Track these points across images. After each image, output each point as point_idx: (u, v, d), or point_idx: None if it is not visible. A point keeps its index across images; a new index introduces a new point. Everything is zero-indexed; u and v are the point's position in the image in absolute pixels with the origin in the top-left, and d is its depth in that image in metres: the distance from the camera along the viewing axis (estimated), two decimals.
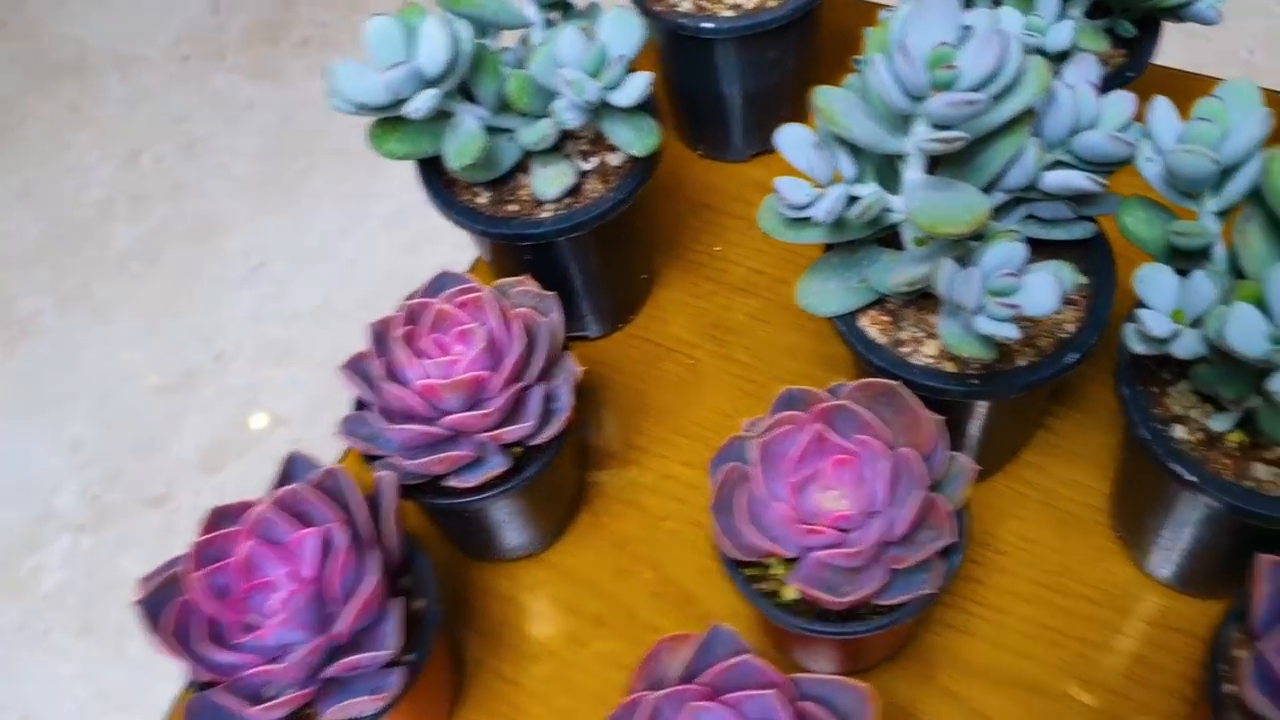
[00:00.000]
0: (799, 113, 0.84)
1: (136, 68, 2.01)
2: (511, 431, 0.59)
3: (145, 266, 1.75)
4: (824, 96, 0.50)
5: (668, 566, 0.69)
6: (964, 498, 0.56)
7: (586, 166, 0.69)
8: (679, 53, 0.79)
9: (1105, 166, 0.53)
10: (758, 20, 0.73)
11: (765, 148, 0.85)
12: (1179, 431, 0.56)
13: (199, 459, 1.56)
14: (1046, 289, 0.50)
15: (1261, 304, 0.46)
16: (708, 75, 0.78)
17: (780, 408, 0.58)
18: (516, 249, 0.69)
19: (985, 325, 0.51)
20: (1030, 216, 0.58)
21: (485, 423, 0.59)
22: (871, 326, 0.61)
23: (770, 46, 0.76)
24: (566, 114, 0.61)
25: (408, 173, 0.71)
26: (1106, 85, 0.66)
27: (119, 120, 1.94)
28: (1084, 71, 0.53)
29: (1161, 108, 0.51)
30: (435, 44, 0.57)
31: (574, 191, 0.68)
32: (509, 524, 0.65)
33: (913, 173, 0.53)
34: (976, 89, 0.48)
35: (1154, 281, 0.51)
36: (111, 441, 1.58)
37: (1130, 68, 0.68)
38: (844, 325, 0.61)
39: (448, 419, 0.59)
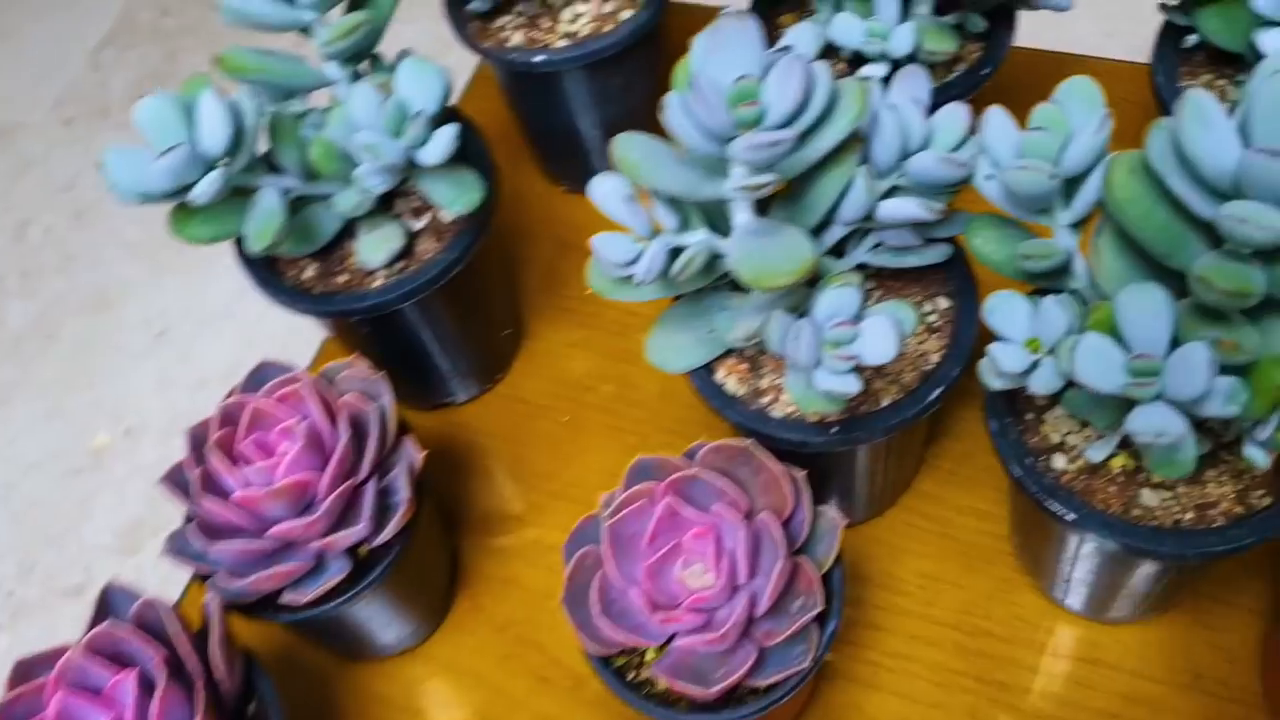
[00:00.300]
0: (660, 131, 0.80)
1: (17, 135, 1.94)
2: (344, 537, 0.54)
3: (42, 344, 1.67)
4: (624, 146, 0.45)
5: (553, 647, 0.64)
6: (833, 556, 0.52)
7: (418, 225, 0.64)
8: (521, 88, 0.74)
9: (945, 188, 0.49)
10: (592, 49, 0.68)
11: None
12: (1059, 461, 0.51)
13: (116, 542, 1.49)
14: (884, 336, 0.45)
15: (1115, 331, 0.41)
16: (554, 109, 0.74)
17: (633, 479, 0.53)
18: (352, 324, 0.63)
19: (825, 380, 0.46)
20: (880, 245, 0.53)
21: (314, 530, 0.54)
22: (730, 376, 0.56)
23: (613, 74, 0.71)
24: (370, 180, 0.55)
25: None
26: (962, 85, 0.62)
27: (2, 193, 1.86)
28: (910, 88, 0.48)
29: (995, 120, 0.46)
30: (213, 121, 0.52)
31: (405, 254, 0.63)
32: (371, 625, 0.60)
33: (741, 216, 0.48)
34: (786, 124, 0.43)
35: (1004, 311, 0.46)
36: (22, 533, 1.51)
37: (985, 63, 0.63)
38: (699, 380, 0.56)
39: (274, 530, 0.53)
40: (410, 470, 0.57)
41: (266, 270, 0.63)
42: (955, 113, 0.48)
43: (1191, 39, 0.61)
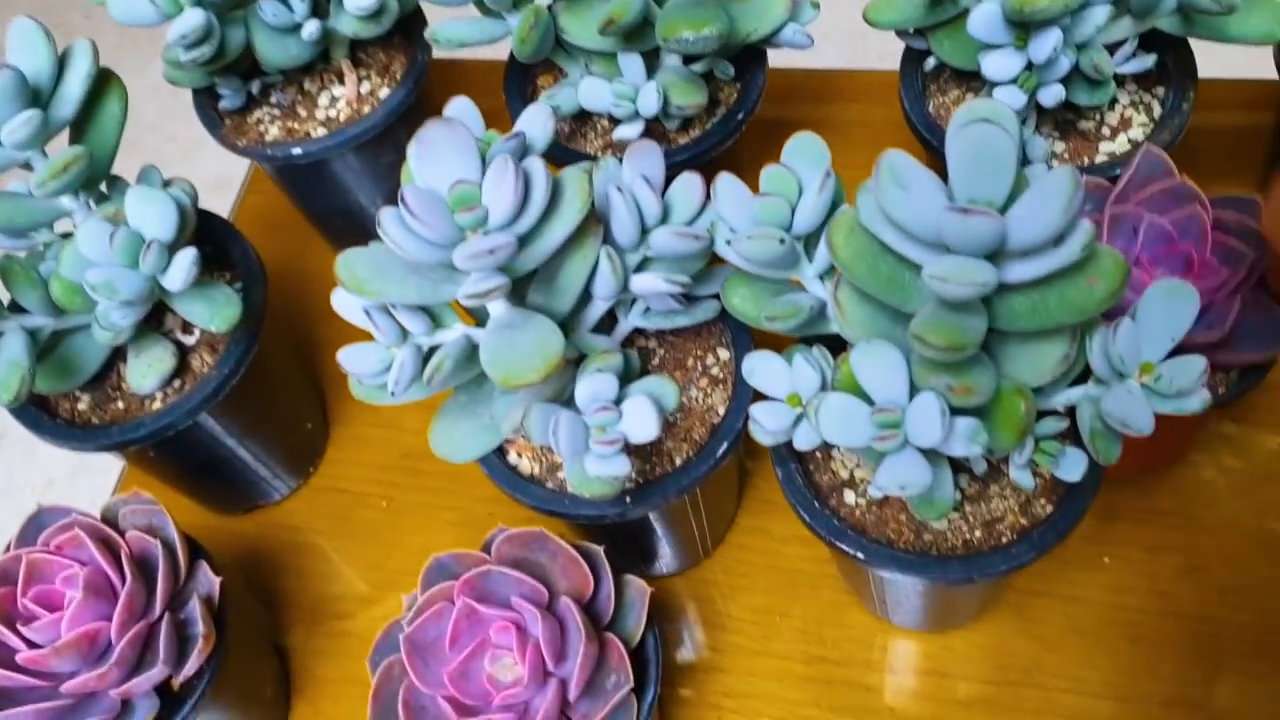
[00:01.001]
0: None
1: None
2: (140, 682, 0.52)
3: None
4: (346, 265, 0.44)
5: None
6: (643, 626, 0.51)
7: (190, 340, 0.62)
8: (291, 177, 0.72)
9: (692, 257, 0.49)
10: (351, 135, 0.66)
11: None
12: (849, 496, 0.52)
13: None
14: (645, 417, 0.45)
15: (857, 388, 0.42)
16: (328, 192, 0.72)
17: (429, 580, 0.52)
18: (138, 452, 0.61)
19: (594, 466, 0.46)
20: (649, 309, 0.53)
21: (110, 679, 0.51)
22: (523, 456, 0.56)
23: (381, 151, 0.70)
24: (112, 316, 0.53)
25: None
26: (721, 130, 0.63)
27: None
28: (641, 164, 0.48)
29: (725, 189, 0.46)
30: None
31: (181, 371, 0.61)
32: None
33: (494, 306, 0.47)
34: (509, 224, 0.43)
35: (761, 370, 0.46)
36: None
37: (740, 106, 0.63)
38: (490, 467, 0.55)
39: (67, 685, 0.51)
40: (208, 599, 0.55)
41: (35, 409, 0.60)
42: (689, 184, 0.48)
43: (931, 61, 0.62)
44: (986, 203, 0.36)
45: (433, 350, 0.48)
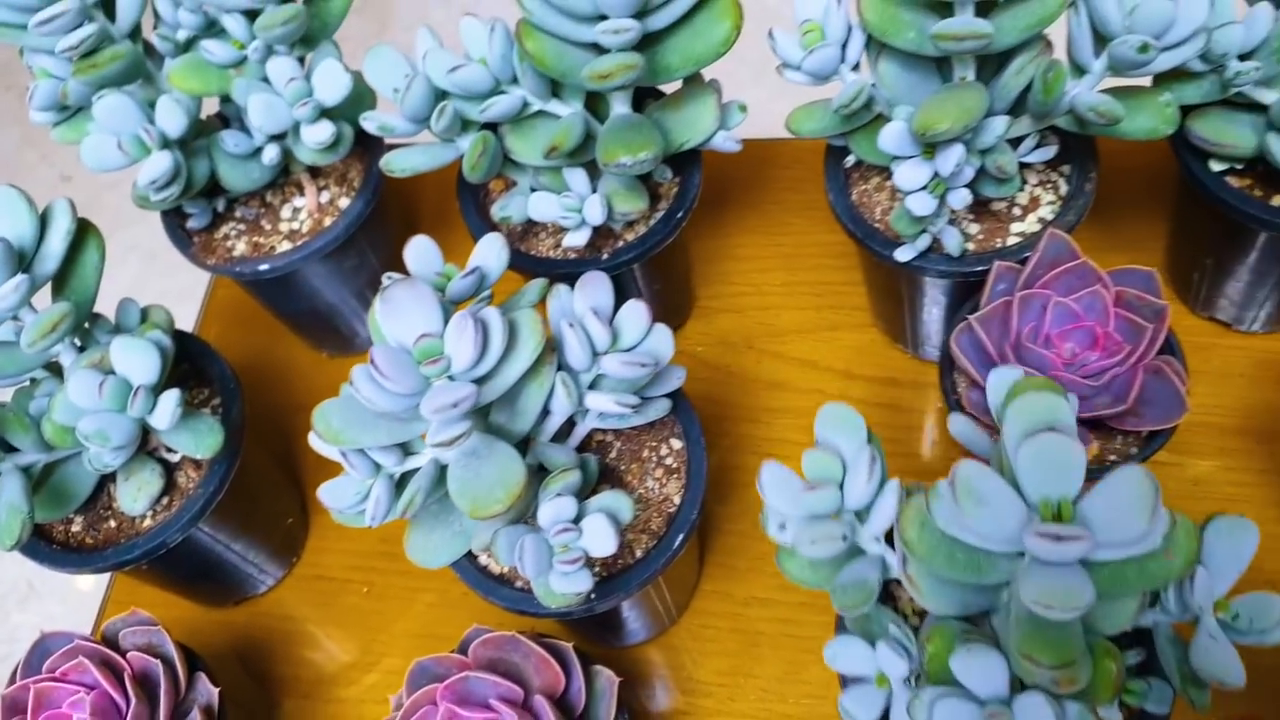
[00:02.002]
0: None
1: None
2: None
3: None
4: (322, 419, 0.48)
5: None
6: (612, 714, 0.56)
7: (174, 458, 0.66)
8: (259, 287, 0.76)
9: (639, 379, 0.53)
10: (315, 248, 0.70)
11: None
12: None
13: None
14: (604, 533, 0.50)
15: (948, 669, 0.43)
16: (295, 298, 0.76)
17: (414, 683, 0.56)
18: (135, 570, 0.65)
19: (558, 583, 0.50)
20: (604, 414, 0.57)
21: None
22: (492, 558, 0.60)
23: (343, 258, 0.74)
24: (104, 459, 0.57)
25: None
26: (663, 228, 0.67)
27: None
28: (590, 295, 0.52)
29: (771, 479, 0.46)
30: None
31: (168, 489, 0.65)
32: None
33: None
34: (470, 370, 0.47)
35: (846, 657, 0.49)
36: None
37: (680, 204, 0.68)
38: (462, 570, 0.59)
39: None
40: (208, 709, 0.59)
41: (32, 538, 0.63)
42: (635, 311, 0.53)
43: (850, 159, 0.67)
44: (1061, 500, 0.38)
45: (405, 476, 0.52)
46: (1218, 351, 0.74)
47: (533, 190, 0.65)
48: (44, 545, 0.64)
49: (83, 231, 0.58)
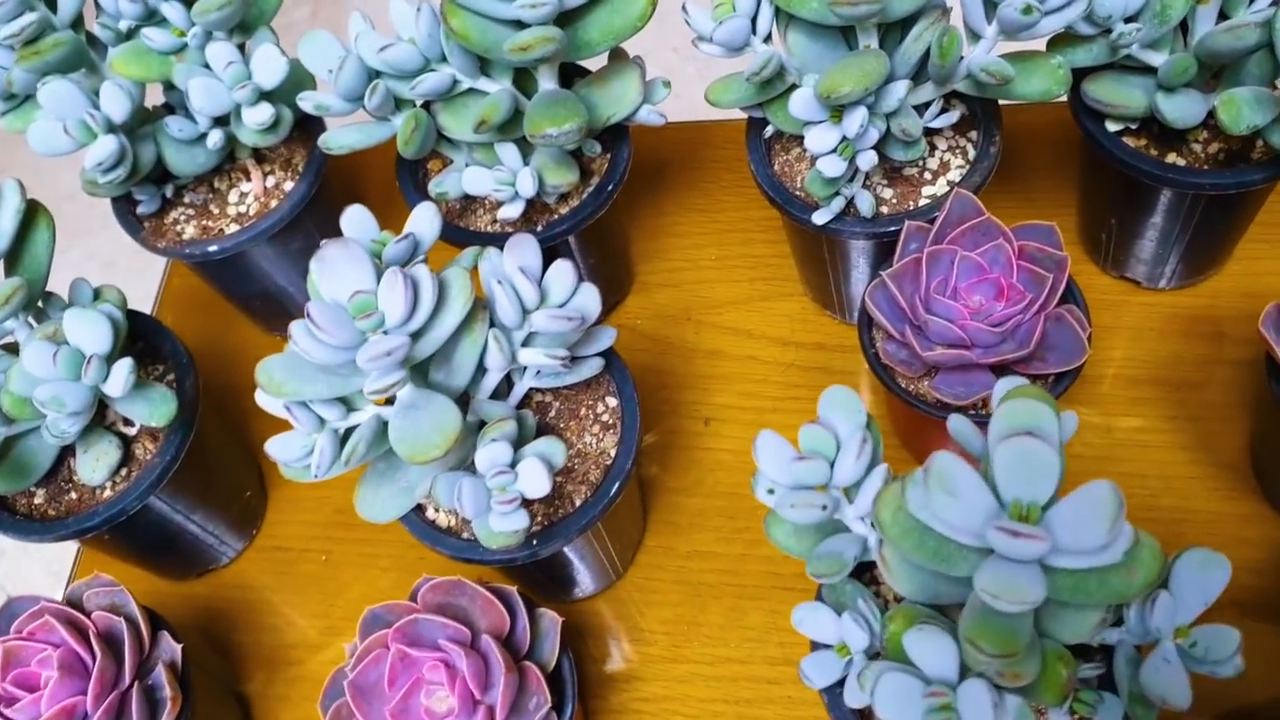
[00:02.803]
0: None
1: None
2: None
3: None
4: (264, 372, 0.51)
5: None
6: (556, 652, 0.59)
7: (132, 430, 0.68)
8: (210, 270, 0.79)
9: (568, 334, 0.57)
10: (261, 229, 0.73)
11: None
12: None
13: None
14: (538, 475, 0.53)
15: (903, 658, 0.45)
16: (246, 280, 0.78)
17: (366, 630, 0.59)
18: (96, 539, 0.67)
19: (498, 522, 0.54)
20: (540, 372, 0.61)
21: None
22: (439, 512, 0.63)
23: (290, 239, 0.76)
24: (60, 425, 0.60)
25: None
26: (594, 200, 0.70)
27: None
28: (519, 256, 0.55)
29: (765, 446, 0.50)
30: None
31: (126, 460, 0.67)
32: None
33: (400, 390, 0.55)
34: (403, 324, 0.50)
35: (810, 622, 0.52)
36: None
37: (610, 177, 0.71)
38: (410, 524, 0.62)
39: None
40: (172, 665, 0.62)
41: None
42: (561, 270, 0.56)
43: (769, 129, 0.70)
44: (1030, 504, 0.40)
45: (349, 432, 0.55)
46: (1129, 309, 0.78)
47: (467, 166, 0.69)
48: (8, 516, 0.66)
49: (32, 211, 0.61)
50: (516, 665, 0.57)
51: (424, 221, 0.57)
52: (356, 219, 0.56)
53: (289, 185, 0.76)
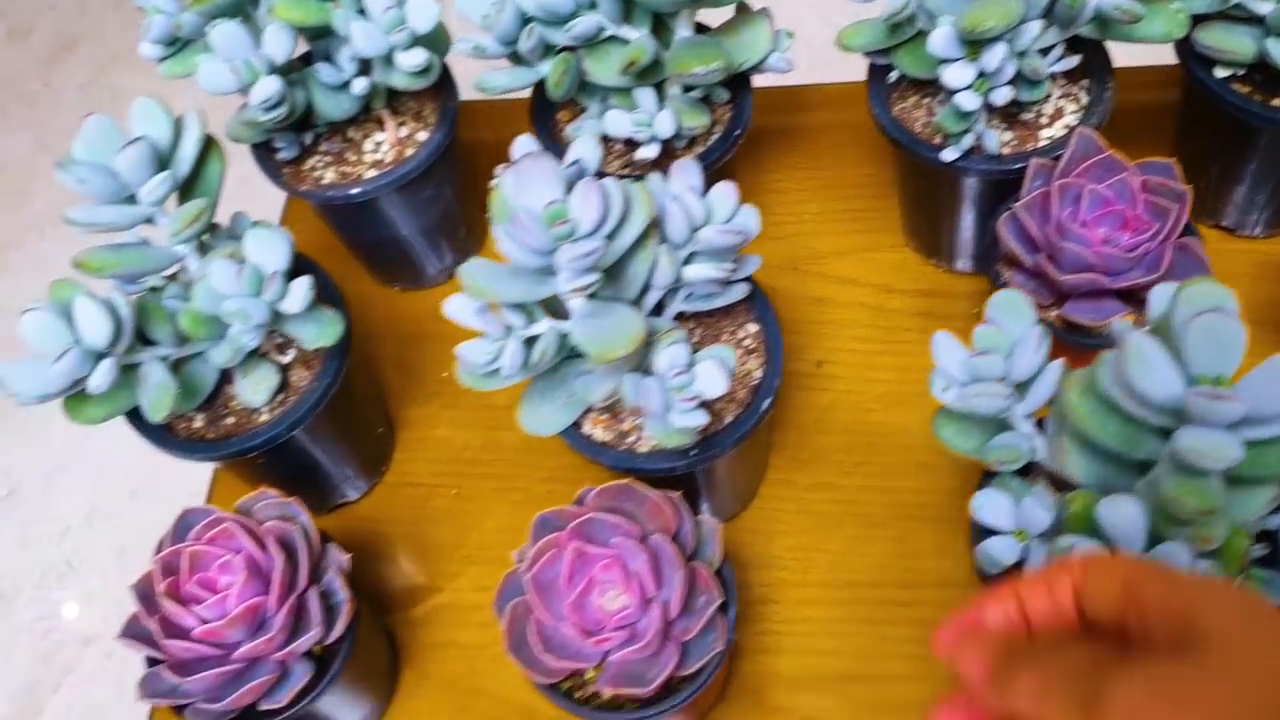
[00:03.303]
0: (474, 224, 0.89)
1: None
2: (302, 643, 0.61)
3: None
4: (468, 273, 0.55)
5: (499, 690, 0.73)
6: (720, 555, 0.62)
7: (286, 359, 0.72)
8: (341, 215, 0.82)
9: (731, 249, 0.60)
10: (401, 173, 0.77)
11: (460, 262, 0.89)
12: None
13: (14, 710, 1.48)
14: (715, 376, 0.56)
15: (1090, 524, 0.49)
16: (376, 226, 0.82)
17: (538, 534, 0.62)
18: (242, 462, 0.70)
19: (678, 420, 0.57)
20: (690, 294, 0.64)
21: (274, 644, 0.61)
22: (596, 427, 0.66)
23: (422, 187, 0.80)
24: (244, 338, 0.63)
25: None
26: (721, 146, 0.74)
27: None
28: (685, 178, 0.59)
29: (943, 343, 0.54)
30: (93, 320, 0.58)
31: (282, 387, 0.70)
32: (339, 713, 0.67)
33: (575, 302, 0.58)
34: (593, 232, 0.53)
35: (990, 507, 0.55)
36: None
37: (736, 124, 0.75)
38: (570, 438, 0.66)
39: (238, 652, 0.61)
40: (342, 571, 0.65)
41: (161, 431, 0.69)
42: (725, 191, 0.59)
43: (894, 74, 0.74)
44: (1219, 376, 0.43)
45: (530, 340, 0.58)
46: (1222, 255, 0.81)
47: (604, 112, 0.72)
48: (172, 437, 0.69)
49: (208, 142, 0.64)
50: (686, 564, 0.60)
51: (587, 149, 0.60)
52: (525, 145, 0.60)
53: (422, 135, 0.80)
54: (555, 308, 0.60)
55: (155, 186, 0.60)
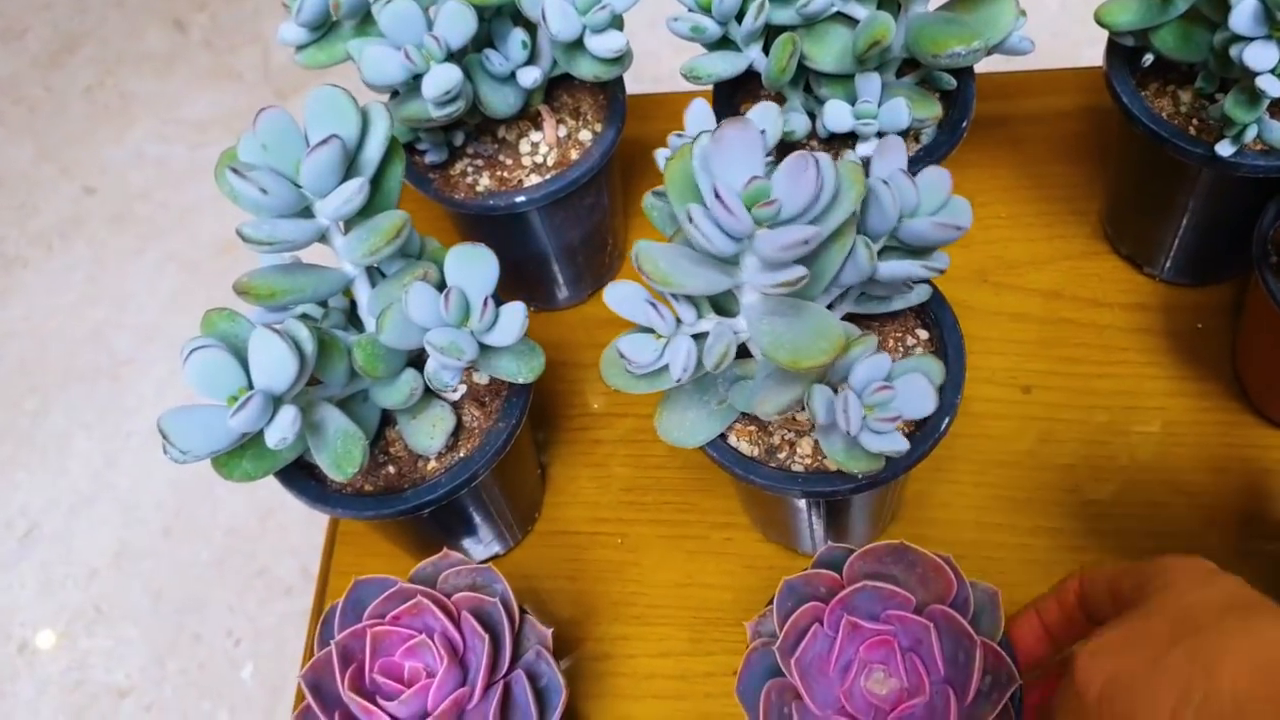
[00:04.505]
0: (621, 244, 0.79)
1: None
2: None
3: None
4: (649, 258, 0.45)
5: None
6: (1001, 626, 0.53)
7: (455, 396, 0.61)
8: (489, 227, 0.71)
9: (935, 244, 0.51)
10: (575, 177, 0.67)
11: (600, 285, 0.79)
12: None
13: None
14: (922, 393, 0.48)
15: None
16: (526, 239, 0.72)
17: (784, 603, 0.53)
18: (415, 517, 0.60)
19: (874, 443, 0.49)
20: (864, 294, 0.55)
21: None
22: (741, 440, 0.57)
23: (585, 195, 0.70)
24: (442, 375, 0.53)
25: (159, 371, 0.60)
26: (945, 139, 0.65)
27: None
28: (893, 160, 0.50)
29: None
30: (276, 360, 0.48)
31: (455, 430, 0.60)
32: None
33: (750, 296, 0.49)
34: (798, 216, 0.44)
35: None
36: None
37: (961, 115, 0.65)
38: (715, 451, 0.56)
39: None
40: (546, 647, 0.55)
41: (312, 482, 0.59)
42: (937, 177, 0.50)
43: (1148, 58, 0.65)
44: None
45: (697, 339, 0.49)
46: None
47: (821, 101, 0.63)
48: (332, 493, 0.58)
49: (393, 144, 0.54)
50: (972, 639, 0.51)
51: (768, 119, 0.51)
52: (699, 114, 0.52)
53: (584, 135, 0.70)
54: (721, 301, 0.50)
55: (352, 195, 0.49)
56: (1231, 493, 0.67)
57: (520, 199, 0.66)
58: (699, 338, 0.50)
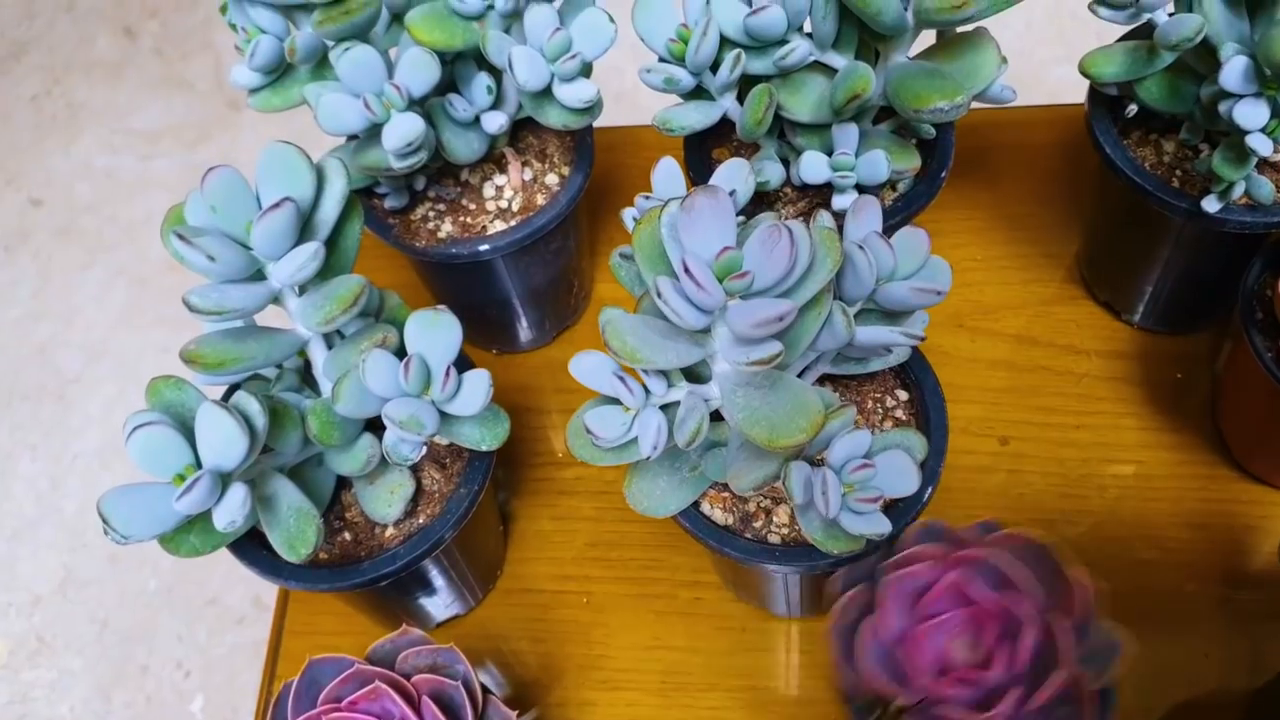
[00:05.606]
0: (587, 284, 0.77)
1: None
2: None
3: None
4: (615, 333, 0.42)
5: None
6: (1114, 673, 0.50)
7: (414, 458, 0.58)
8: (451, 274, 0.69)
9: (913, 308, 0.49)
10: (541, 223, 0.64)
11: (564, 326, 0.77)
12: None
13: None
14: (904, 471, 0.47)
15: None
16: (489, 285, 0.69)
17: (922, 538, 0.50)
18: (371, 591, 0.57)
19: (854, 524, 0.47)
20: (842, 355, 0.53)
21: None
22: (715, 507, 0.55)
23: (551, 240, 0.67)
24: (401, 449, 0.50)
25: (107, 390, 0.57)
26: (924, 190, 0.63)
27: None
28: (868, 221, 0.48)
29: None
30: (224, 436, 0.45)
31: (415, 495, 0.57)
32: None
33: (722, 365, 0.46)
34: (772, 288, 0.42)
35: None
36: None
37: (940, 165, 0.64)
38: (688, 521, 0.54)
39: None
40: None
41: (256, 548, 0.56)
42: (915, 239, 0.48)
43: (1132, 108, 0.63)
44: None
45: (666, 409, 0.47)
46: None
47: (797, 151, 0.60)
48: (270, 558, 0.55)
49: (350, 202, 0.51)
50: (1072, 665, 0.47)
51: (738, 179, 0.49)
52: (667, 174, 0.50)
53: (550, 179, 0.67)
54: (693, 367, 0.48)
55: (307, 262, 0.46)
56: (1210, 546, 0.66)
57: (484, 247, 0.64)
58: (669, 408, 0.48)
